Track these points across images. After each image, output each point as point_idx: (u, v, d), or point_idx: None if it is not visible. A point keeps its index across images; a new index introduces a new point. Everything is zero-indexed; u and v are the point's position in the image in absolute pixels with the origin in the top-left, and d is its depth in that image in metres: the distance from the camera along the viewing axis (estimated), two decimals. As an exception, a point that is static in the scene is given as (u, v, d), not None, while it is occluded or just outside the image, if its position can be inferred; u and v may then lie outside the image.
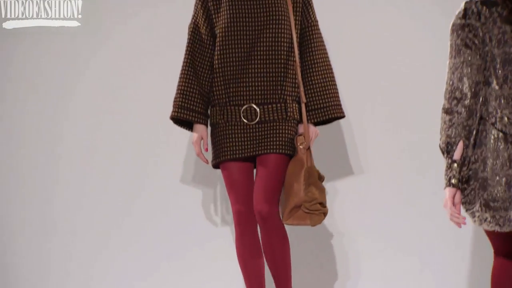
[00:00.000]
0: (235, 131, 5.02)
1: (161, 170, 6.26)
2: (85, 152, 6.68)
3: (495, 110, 3.73)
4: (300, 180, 4.97)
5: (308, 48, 5.11)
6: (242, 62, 5.01)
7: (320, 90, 5.10)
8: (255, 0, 5.01)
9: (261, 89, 5.03)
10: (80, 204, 6.57)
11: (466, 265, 6.24)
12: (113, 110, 6.59)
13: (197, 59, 5.11)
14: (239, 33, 4.99)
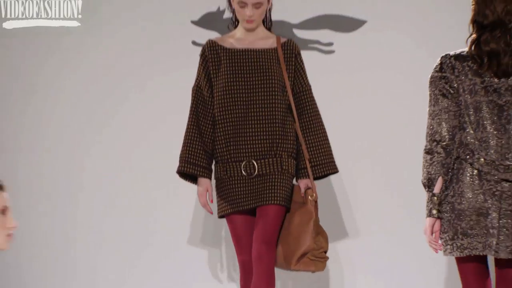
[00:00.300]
0: (237, 185, 5.46)
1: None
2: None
3: (472, 152, 4.38)
4: (309, 230, 5.40)
5: (303, 111, 5.58)
6: (240, 121, 5.46)
7: (317, 149, 5.58)
8: (251, 64, 5.48)
9: (258, 145, 5.48)
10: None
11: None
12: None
13: (201, 118, 5.56)
14: (236, 94, 5.47)
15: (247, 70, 5.60)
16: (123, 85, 6.66)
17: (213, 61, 5.60)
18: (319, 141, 5.69)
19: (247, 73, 5.60)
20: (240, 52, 5.61)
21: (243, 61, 5.61)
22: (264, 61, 5.60)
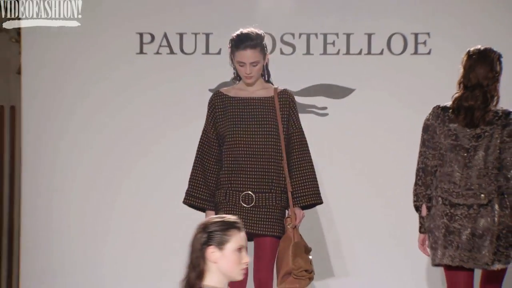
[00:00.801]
0: (235, 212, 5.96)
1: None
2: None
3: (440, 182, 5.52)
4: (288, 253, 5.93)
5: (292, 150, 6.16)
6: (241, 158, 6.05)
7: (301, 182, 6.12)
8: (251, 111, 6.10)
9: (256, 180, 6.07)
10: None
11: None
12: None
13: (205, 157, 6.18)
14: (238, 135, 6.06)
15: (248, 115, 6.17)
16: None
17: (219, 108, 6.19)
18: (304, 176, 6.21)
19: (248, 118, 6.17)
20: (243, 100, 6.19)
21: (245, 107, 6.19)
22: (262, 108, 6.17)
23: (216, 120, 6.28)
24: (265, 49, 6.22)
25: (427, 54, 7.24)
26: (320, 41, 7.32)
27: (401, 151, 7.28)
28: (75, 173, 7.60)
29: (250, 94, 6.25)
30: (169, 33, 7.45)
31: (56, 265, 7.64)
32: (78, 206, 7.60)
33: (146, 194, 7.54)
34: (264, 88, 6.24)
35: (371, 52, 7.28)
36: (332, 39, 7.28)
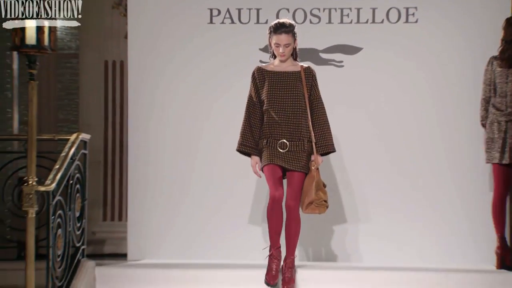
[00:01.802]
0: (274, 151, 7.24)
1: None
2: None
3: (495, 108, 7.72)
4: (312, 188, 7.21)
5: (314, 111, 7.32)
6: (278, 116, 7.24)
7: (320, 135, 7.31)
8: (284, 81, 7.28)
9: (289, 132, 7.24)
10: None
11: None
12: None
13: (251, 116, 7.36)
14: (275, 99, 7.25)
15: (281, 85, 7.31)
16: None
17: (259, 79, 7.33)
18: (322, 131, 7.31)
19: (281, 87, 7.31)
20: (277, 74, 7.34)
21: (279, 79, 7.31)
22: (291, 80, 7.31)
23: (257, 88, 7.34)
24: (295, 35, 7.27)
25: (415, 22, 8.43)
26: (338, 14, 8.50)
27: (396, 92, 8.44)
28: (166, 111, 8.59)
29: (283, 69, 7.32)
30: (230, 8, 8.57)
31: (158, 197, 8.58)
32: (171, 137, 8.60)
33: (217, 132, 8.50)
34: (293, 65, 7.34)
35: (374, 22, 8.47)
36: (347, 12, 8.47)
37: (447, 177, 8.39)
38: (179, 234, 8.51)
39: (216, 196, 8.44)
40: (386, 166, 8.44)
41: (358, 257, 8.38)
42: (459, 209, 8.35)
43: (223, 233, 8.41)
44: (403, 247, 8.34)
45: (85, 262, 7.83)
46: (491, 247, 7.99)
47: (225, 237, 8.40)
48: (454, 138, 8.37)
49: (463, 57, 8.38)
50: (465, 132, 8.33)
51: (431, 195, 8.39)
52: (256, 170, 7.38)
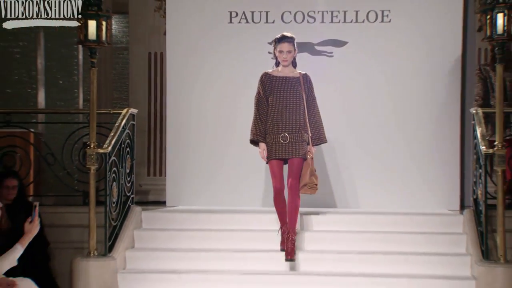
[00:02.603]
0: (276, 146, 7.30)
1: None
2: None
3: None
4: (307, 173, 7.30)
5: (310, 110, 7.38)
6: (281, 113, 7.30)
7: (314, 130, 7.39)
8: (287, 84, 7.31)
9: (290, 126, 7.29)
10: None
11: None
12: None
13: (261, 111, 7.38)
14: (280, 100, 7.32)
15: (284, 87, 7.34)
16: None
17: (267, 83, 7.34)
18: (316, 126, 7.38)
19: (284, 89, 7.34)
20: (280, 78, 7.36)
21: (282, 83, 7.34)
22: (292, 84, 7.35)
23: (264, 89, 7.34)
24: (295, 46, 7.33)
25: (388, 22, 8.62)
26: (329, 15, 8.67)
27: (375, 73, 8.57)
28: (195, 91, 8.76)
29: (285, 74, 7.38)
30: (246, 11, 8.73)
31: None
32: (199, 110, 8.70)
33: (236, 105, 8.64)
34: (293, 72, 7.41)
35: (357, 21, 8.67)
36: (336, 14, 8.66)
37: (420, 137, 8.57)
38: (207, 186, 8.73)
39: (236, 156, 8.56)
40: (373, 129, 8.64)
41: (347, 203, 8.65)
42: (426, 161, 8.53)
43: (242, 185, 8.56)
44: (392, 193, 8.55)
45: (134, 208, 8.13)
46: (452, 194, 8.37)
47: (244, 188, 8.55)
48: (424, 105, 8.54)
49: (423, 48, 8.57)
50: (431, 100, 8.53)
51: (406, 152, 8.58)
52: (264, 156, 7.39)
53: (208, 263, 7.42)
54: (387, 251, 7.51)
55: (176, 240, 7.75)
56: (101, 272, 7.26)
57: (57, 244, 8.03)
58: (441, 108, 8.52)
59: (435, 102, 8.48)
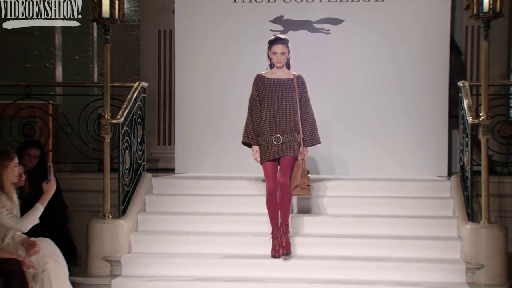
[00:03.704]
0: (269, 147, 6.99)
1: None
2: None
3: None
4: (298, 174, 6.99)
5: (303, 111, 7.06)
6: (274, 115, 6.98)
7: (307, 131, 7.07)
8: (280, 86, 7.00)
9: (283, 127, 6.98)
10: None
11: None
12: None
13: (254, 113, 7.06)
14: (273, 101, 7.01)
15: (279, 89, 7.02)
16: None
17: (261, 85, 7.02)
18: (310, 126, 7.05)
19: (279, 91, 7.02)
20: (274, 80, 7.04)
21: (276, 85, 7.02)
22: (286, 86, 7.03)
23: (258, 91, 7.03)
24: (289, 48, 7.00)
25: (382, 1, 8.53)
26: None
27: (369, 50, 8.49)
28: (201, 66, 8.70)
29: (279, 76, 7.05)
30: None
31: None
32: (206, 84, 8.65)
33: (241, 79, 8.34)
34: (287, 74, 7.08)
35: (353, 0, 8.57)
36: None
37: (411, 109, 8.53)
38: (212, 155, 8.71)
39: (239, 127, 7.70)
40: (365, 102, 8.61)
41: (343, 171, 8.61)
42: (416, 132, 8.53)
43: (244, 154, 7.96)
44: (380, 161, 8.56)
45: (145, 174, 8.18)
46: (440, 161, 8.37)
47: (246, 157, 7.91)
48: (414, 80, 8.51)
49: (415, 26, 8.55)
50: (421, 75, 8.49)
51: (398, 123, 8.56)
52: (256, 157, 7.10)
53: (213, 225, 7.50)
54: (379, 215, 7.58)
55: (184, 204, 7.82)
56: (115, 233, 7.35)
57: (74, 208, 8.11)
58: (431, 82, 8.50)
59: (425, 76, 8.46)
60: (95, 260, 7.30)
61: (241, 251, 7.20)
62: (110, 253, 7.30)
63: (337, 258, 7.12)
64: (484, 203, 7.12)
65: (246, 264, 7.02)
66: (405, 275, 6.87)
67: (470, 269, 6.95)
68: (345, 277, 6.93)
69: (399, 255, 7.14)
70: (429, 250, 7.14)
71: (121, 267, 7.19)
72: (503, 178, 8.04)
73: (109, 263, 7.27)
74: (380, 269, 6.96)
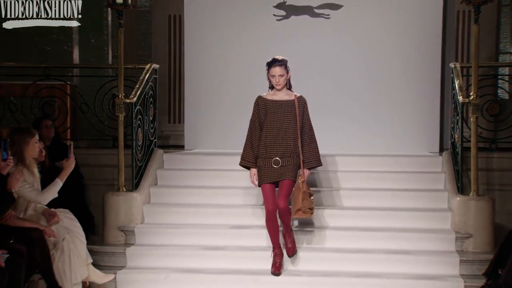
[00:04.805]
0: (268, 170, 6.56)
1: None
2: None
3: None
4: (299, 198, 6.53)
5: (304, 133, 6.61)
6: (273, 137, 6.55)
7: (308, 153, 6.62)
8: (280, 109, 6.57)
9: (282, 150, 6.55)
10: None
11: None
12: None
13: (253, 137, 6.64)
14: (273, 124, 6.57)
15: (278, 111, 6.58)
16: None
17: (261, 106, 6.59)
18: (311, 148, 6.59)
19: (278, 113, 6.58)
20: (275, 102, 6.60)
21: (276, 106, 6.58)
22: (286, 107, 6.58)
23: (259, 113, 6.60)
24: (288, 68, 6.56)
25: None
26: None
27: (365, 33, 8.46)
28: (210, 48, 8.68)
29: (279, 98, 6.62)
30: None
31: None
32: (213, 66, 8.63)
33: (245, 58, 8.48)
34: (288, 95, 6.63)
35: None
36: None
37: (406, 90, 8.53)
38: (220, 132, 8.72)
39: (245, 106, 7.78)
40: (363, 81, 8.57)
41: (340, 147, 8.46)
42: (410, 111, 8.51)
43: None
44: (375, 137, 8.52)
45: (156, 150, 8.19)
46: (432, 138, 8.35)
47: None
48: (409, 60, 8.48)
49: (410, 10, 8.51)
50: (415, 56, 8.45)
51: (393, 103, 8.53)
52: (253, 180, 6.70)
53: (220, 198, 7.53)
54: (375, 188, 7.62)
55: (193, 178, 7.86)
56: (129, 205, 7.41)
57: (91, 181, 8.16)
58: (425, 63, 8.49)
59: (419, 57, 8.45)
60: (110, 230, 7.36)
61: (247, 222, 7.24)
62: (125, 223, 7.35)
63: (334, 228, 7.17)
64: (473, 177, 7.17)
65: (252, 234, 7.07)
66: (399, 244, 6.93)
67: (459, 238, 7.00)
68: (341, 246, 6.98)
69: (393, 225, 7.17)
70: (421, 220, 7.18)
71: (135, 237, 7.25)
72: (491, 154, 8.04)
73: (123, 233, 7.33)
74: (374, 238, 7.01)
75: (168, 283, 6.67)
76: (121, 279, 6.73)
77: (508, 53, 9.28)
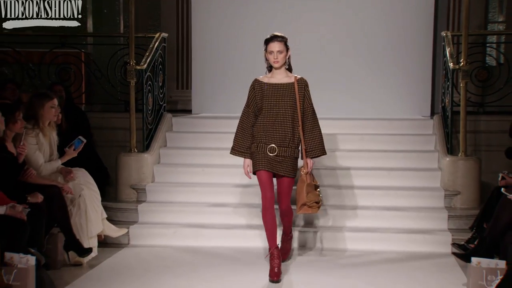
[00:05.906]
0: (263, 157, 5.66)
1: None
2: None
3: None
4: (303, 191, 5.70)
5: (306, 119, 5.71)
6: (270, 123, 5.67)
7: (311, 141, 5.72)
8: (278, 92, 5.68)
9: (279, 137, 5.65)
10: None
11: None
12: None
13: (245, 124, 5.75)
14: (270, 108, 5.68)
15: (276, 95, 5.68)
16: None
17: (257, 90, 5.69)
18: (314, 136, 5.67)
19: (276, 97, 5.67)
20: (273, 85, 5.70)
21: (274, 90, 5.67)
22: (285, 91, 5.66)
23: (255, 97, 5.71)
24: (287, 46, 5.67)
25: None
26: None
27: (362, 10, 8.30)
28: (216, 19, 8.52)
29: (278, 80, 5.69)
30: None
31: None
32: (219, 35, 8.46)
33: (251, 29, 8.28)
34: (287, 76, 5.71)
35: None
36: None
37: (400, 58, 8.42)
38: (225, 97, 8.60)
39: (249, 71, 7.55)
40: (359, 51, 8.45)
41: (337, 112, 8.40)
42: (403, 76, 8.42)
43: None
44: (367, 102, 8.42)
45: (165, 114, 8.18)
46: (424, 103, 8.28)
47: None
48: (403, 28, 8.38)
49: None
50: (408, 24, 8.36)
51: (388, 69, 8.42)
52: (247, 172, 5.81)
53: (225, 159, 7.33)
54: (370, 149, 7.63)
55: (200, 140, 7.86)
56: (140, 165, 7.44)
57: (105, 143, 8.19)
58: (418, 30, 8.42)
59: (412, 24, 8.34)
60: (123, 188, 7.40)
61: (251, 180, 7.02)
62: (136, 182, 7.39)
63: (332, 186, 7.17)
64: (462, 139, 7.19)
65: (255, 192, 6.99)
66: (392, 201, 6.97)
67: (448, 195, 7.05)
68: (339, 203, 7.00)
69: (387, 184, 7.22)
70: (413, 179, 7.22)
71: (146, 194, 7.29)
72: (478, 117, 8.03)
73: (135, 191, 7.37)
74: (370, 196, 7.06)
75: (177, 237, 6.73)
76: (133, 233, 6.81)
77: (496, 22, 9.23)
